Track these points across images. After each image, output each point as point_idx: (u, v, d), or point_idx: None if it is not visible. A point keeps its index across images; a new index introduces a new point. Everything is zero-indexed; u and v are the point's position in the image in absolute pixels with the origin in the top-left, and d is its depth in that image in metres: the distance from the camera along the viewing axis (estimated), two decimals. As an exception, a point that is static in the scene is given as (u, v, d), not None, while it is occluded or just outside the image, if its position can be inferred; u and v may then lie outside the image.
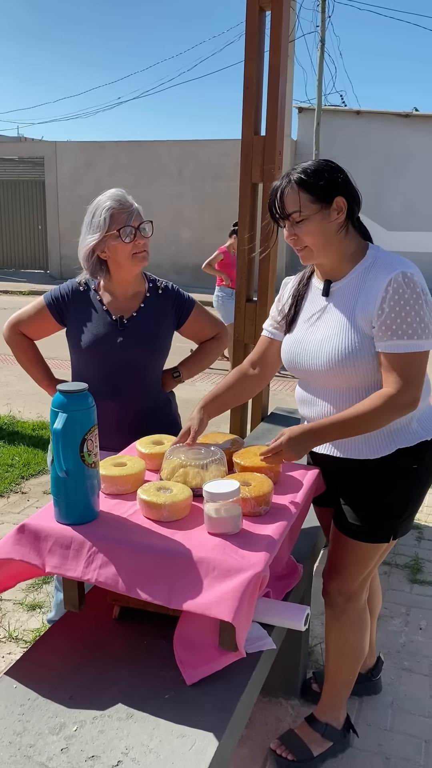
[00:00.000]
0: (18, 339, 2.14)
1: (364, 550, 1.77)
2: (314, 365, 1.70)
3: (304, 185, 1.58)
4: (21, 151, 16.73)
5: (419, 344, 1.57)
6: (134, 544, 1.39)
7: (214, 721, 1.28)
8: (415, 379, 1.58)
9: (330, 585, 1.85)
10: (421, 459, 1.72)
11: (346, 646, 1.89)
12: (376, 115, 14.43)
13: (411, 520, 1.81)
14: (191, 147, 14.78)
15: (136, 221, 1.93)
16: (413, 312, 1.55)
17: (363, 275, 1.64)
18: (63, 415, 1.38)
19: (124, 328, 2.02)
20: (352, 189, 1.64)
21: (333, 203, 1.60)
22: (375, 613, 2.17)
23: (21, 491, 3.90)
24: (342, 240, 1.65)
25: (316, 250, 1.64)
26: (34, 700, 1.33)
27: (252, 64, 3.05)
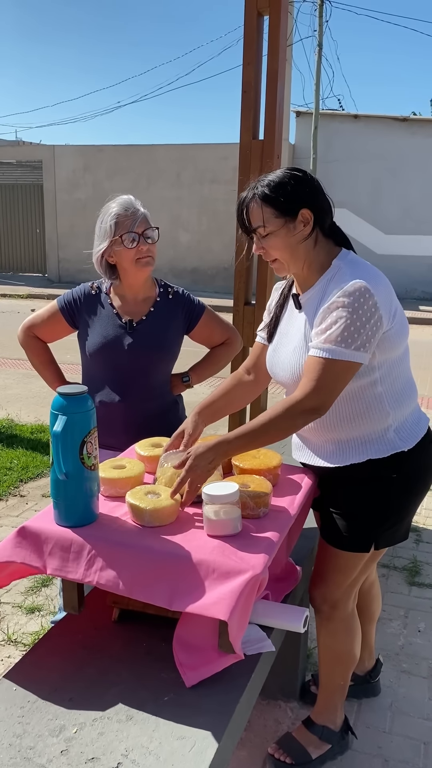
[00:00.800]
0: (32, 341, 2.18)
1: (346, 559, 1.76)
2: (285, 377, 1.69)
3: (267, 200, 1.54)
4: (19, 154, 16.75)
5: (339, 352, 1.48)
6: (134, 546, 1.39)
7: (213, 722, 1.28)
8: (324, 386, 1.49)
9: (314, 592, 1.86)
10: (399, 468, 1.68)
11: (334, 652, 1.89)
12: (373, 119, 14.48)
13: (396, 531, 1.77)
14: (189, 151, 14.81)
15: (140, 227, 1.95)
16: (347, 321, 1.47)
17: (324, 287, 1.59)
18: (63, 417, 1.39)
19: (133, 331, 2.04)
20: (320, 199, 1.58)
21: (298, 215, 1.55)
22: (374, 618, 2.17)
23: (20, 494, 3.89)
24: (310, 251, 1.61)
25: (285, 263, 1.62)
26: (34, 703, 1.33)
27: (250, 69, 3.07)
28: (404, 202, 14.36)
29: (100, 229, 1.98)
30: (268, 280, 3.25)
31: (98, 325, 2.06)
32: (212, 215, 14.83)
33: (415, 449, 1.69)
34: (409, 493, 1.73)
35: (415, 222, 14.38)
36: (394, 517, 1.74)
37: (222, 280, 14.69)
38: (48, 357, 2.21)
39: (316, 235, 1.60)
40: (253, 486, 1.56)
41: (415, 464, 1.71)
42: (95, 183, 15.33)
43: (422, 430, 1.73)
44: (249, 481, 1.59)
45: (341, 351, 1.48)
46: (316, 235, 1.60)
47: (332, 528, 1.75)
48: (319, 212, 1.58)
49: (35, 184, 16.35)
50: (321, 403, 1.50)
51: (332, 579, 1.80)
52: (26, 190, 16.54)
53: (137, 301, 2.07)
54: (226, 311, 2.31)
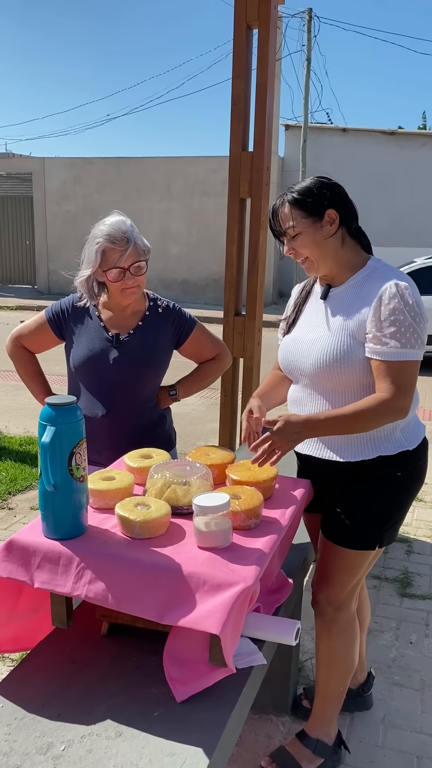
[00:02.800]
0: (19, 352, 2.16)
1: (352, 558, 1.78)
2: (304, 364, 1.76)
3: (296, 203, 1.68)
4: (9, 166, 16.77)
5: (411, 353, 1.62)
6: (123, 559, 1.37)
7: (204, 738, 1.26)
8: (406, 386, 1.62)
9: (319, 594, 1.85)
10: (405, 467, 1.75)
11: (335, 656, 1.88)
12: (361, 132, 14.63)
13: (396, 529, 1.83)
14: (179, 163, 14.89)
15: (127, 261, 1.90)
16: (407, 322, 1.61)
17: (361, 283, 1.71)
18: (51, 428, 1.37)
19: (119, 345, 2.02)
20: (344, 202, 1.71)
21: (325, 215, 1.68)
22: (364, 625, 2.15)
23: (8, 507, 3.85)
24: (339, 249, 1.73)
25: (315, 261, 1.73)
26: (21, 719, 1.30)
27: (239, 81, 3.09)
28: (392, 214, 14.48)
29: (86, 253, 1.94)
30: (258, 291, 3.25)
31: (85, 338, 2.04)
32: (202, 227, 14.89)
33: (417, 450, 1.77)
34: (410, 492, 1.80)
35: (402, 234, 14.51)
36: (397, 515, 1.79)
37: (212, 291, 14.73)
38: (35, 368, 2.18)
39: (342, 234, 1.72)
40: (245, 497, 1.54)
41: (416, 464, 1.78)
42: (85, 195, 15.36)
43: (422, 433, 1.82)
44: (240, 492, 1.57)
45: (410, 352, 1.61)
46: (342, 234, 1.72)
47: (338, 527, 1.78)
48: (344, 213, 1.70)
49: (25, 196, 16.36)
50: (406, 404, 1.63)
51: (338, 580, 1.81)
52: (16, 202, 16.55)
53: (125, 315, 2.05)
54: (216, 323, 2.31)
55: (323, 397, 1.75)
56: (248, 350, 3.34)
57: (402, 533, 3.62)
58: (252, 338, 3.31)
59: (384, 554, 3.36)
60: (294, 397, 1.85)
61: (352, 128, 14.76)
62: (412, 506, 4.01)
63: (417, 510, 3.98)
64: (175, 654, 1.38)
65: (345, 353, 1.67)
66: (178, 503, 1.55)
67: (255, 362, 3.36)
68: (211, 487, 1.61)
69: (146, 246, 1.96)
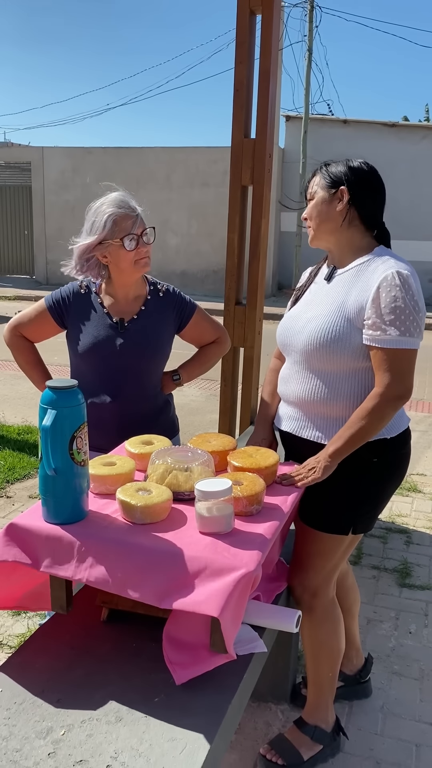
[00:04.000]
0: (18, 341, 2.13)
1: (325, 542, 1.78)
2: (297, 341, 1.77)
3: (323, 172, 1.78)
4: (7, 156, 16.67)
5: (410, 341, 1.62)
6: (124, 543, 1.36)
7: (205, 724, 1.25)
8: (404, 373, 1.64)
9: (294, 580, 1.85)
10: (381, 454, 1.74)
11: (319, 644, 1.89)
12: (362, 124, 14.56)
13: (372, 517, 1.82)
14: (179, 154, 14.81)
15: (139, 228, 1.92)
16: (407, 310, 1.61)
17: (363, 268, 1.71)
18: (52, 411, 1.35)
19: (124, 331, 2.00)
20: (364, 188, 1.73)
21: (338, 191, 1.73)
22: (353, 611, 2.15)
23: (6, 495, 3.85)
24: (344, 230, 1.75)
25: (313, 229, 1.79)
26: (21, 704, 1.29)
27: (242, 67, 3.05)
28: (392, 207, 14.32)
29: (91, 222, 1.92)
30: (258, 280, 3.23)
31: (88, 325, 2.02)
32: (202, 218, 14.83)
33: (397, 440, 1.76)
34: (385, 481, 1.79)
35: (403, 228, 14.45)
36: (372, 502, 1.79)
37: (211, 283, 14.69)
38: (35, 357, 2.16)
39: (351, 216, 1.74)
40: (247, 483, 1.53)
41: (394, 454, 1.78)
42: (84, 185, 15.28)
43: (404, 425, 1.81)
44: (242, 478, 1.56)
45: (411, 341, 1.62)
46: (351, 216, 1.74)
47: (312, 510, 1.79)
48: (357, 198, 1.73)
49: (24, 185, 16.27)
50: (406, 388, 1.64)
51: (312, 564, 1.81)
52: (14, 192, 16.46)
53: (128, 300, 2.04)
54: (215, 314, 2.29)
55: (312, 377, 1.75)
56: (248, 340, 3.32)
57: (401, 524, 3.62)
58: (252, 328, 3.29)
59: (383, 545, 3.36)
60: (283, 375, 1.87)
61: (353, 120, 14.68)
62: (412, 497, 4.01)
63: (416, 501, 3.98)
64: (174, 637, 1.37)
65: (338, 335, 1.67)
66: (179, 489, 1.54)
67: (255, 352, 3.34)
68: (212, 473, 1.59)
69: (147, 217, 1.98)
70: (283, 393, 1.87)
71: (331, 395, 1.73)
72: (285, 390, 1.85)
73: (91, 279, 2.04)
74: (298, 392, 1.78)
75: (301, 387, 1.78)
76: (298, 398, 1.79)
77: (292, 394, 1.81)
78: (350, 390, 1.71)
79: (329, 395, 1.73)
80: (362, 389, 1.71)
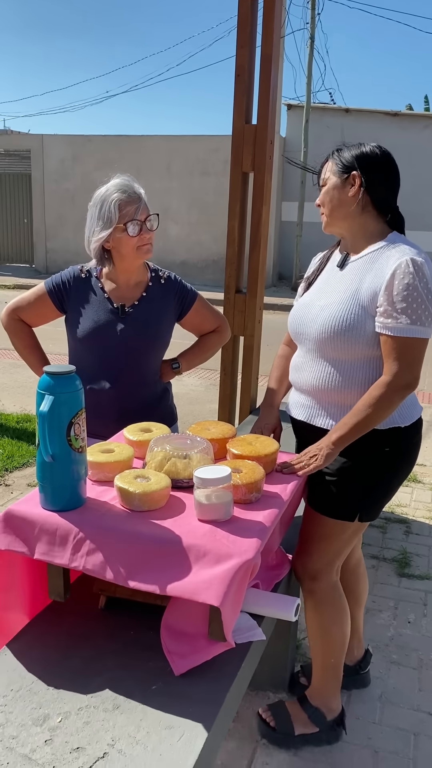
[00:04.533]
0: (16, 325, 2.10)
1: (329, 527, 1.78)
2: (310, 329, 1.75)
3: (336, 158, 1.75)
4: (7, 143, 16.56)
5: (421, 330, 1.60)
6: (122, 531, 1.35)
7: (203, 712, 1.24)
8: (413, 362, 1.62)
9: (296, 562, 1.85)
10: (393, 443, 1.73)
11: (319, 628, 1.89)
12: (364, 113, 14.46)
13: (380, 505, 1.81)
14: (179, 142, 14.72)
15: (143, 214, 1.90)
16: (420, 299, 1.59)
17: (377, 255, 1.69)
18: (49, 397, 1.34)
19: (125, 317, 1.98)
20: (377, 172, 1.71)
21: (350, 176, 1.71)
22: (361, 600, 2.15)
23: (4, 483, 3.84)
24: (357, 215, 1.73)
25: (326, 213, 1.76)
26: (17, 691, 1.29)
27: (244, 52, 3.01)
28: (394, 197, 14.36)
29: (99, 214, 1.88)
30: (259, 268, 3.21)
31: (89, 310, 2.00)
32: (202, 207, 14.76)
33: (410, 428, 1.75)
34: (397, 470, 1.78)
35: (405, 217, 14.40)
36: (381, 491, 1.78)
37: (211, 273, 14.63)
38: (33, 341, 2.13)
39: (364, 202, 1.72)
40: (246, 471, 1.52)
41: (407, 443, 1.76)
42: (84, 173, 15.19)
43: (417, 413, 1.79)
44: (241, 466, 1.55)
45: (423, 330, 1.60)
46: (364, 202, 1.72)
47: (320, 494, 1.78)
48: (371, 183, 1.70)
49: (23, 173, 16.17)
50: (413, 378, 1.62)
51: (314, 548, 1.81)
52: (14, 180, 16.36)
53: (129, 286, 2.01)
54: (216, 304, 2.26)
55: (326, 365, 1.73)
56: (248, 328, 3.29)
57: (401, 514, 3.61)
58: (253, 316, 3.27)
59: (383, 534, 3.35)
60: (295, 363, 1.85)
61: (354, 108, 14.58)
62: (411, 487, 4.00)
63: (416, 491, 3.97)
64: (172, 627, 1.36)
65: (352, 323, 1.65)
66: (178, 476, 1.52)
67: (255, 341, 3.32)
68: (211, 461, 1.58)
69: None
70: (295, 381, 1.85)
71: (345, 383, 1.71)
72: (297, 378, 1.83)
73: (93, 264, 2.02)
74: (311, 380, 1.77)
75: (314, 375, 1.76)
76: (311, 386, 1.77)
77: (305, 382, 1.79)
78: (364, 378, 1.70)
79: (343, 383, 1.71)
80: (376, 377, 1.69)
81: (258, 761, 1.89)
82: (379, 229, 1.74)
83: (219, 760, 1.88)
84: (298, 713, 1.94)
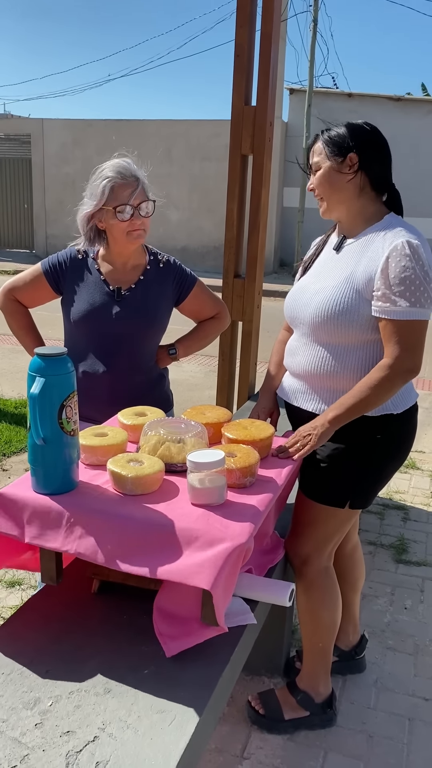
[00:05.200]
0: (12, 305, 2.08)
1: (319, 512, 1.77)
2: (304, 313, 1.73)
3: (326, 141, 1.70)
4: (7, 128, 16.42)
5: (420, 312, 1.58)
6: (114, 514, 1.33)
7: (195, 696, 1.24)
8: (414, 346, 1.59)
9: (287, 544, 1.85)
10: (385, 431, 1.71)
11: (308, 611, 1.89)
12: (367, 98, 14.31)
13: (371, 492, 1.79)
14: (181, 127, 14.58)
15: (137, 199, 1.86)
16: (417, 281, 1.56)
17: (372, 238, 1.66)
18: (40, 379, 1.32)
19: (121, 300, 1.95)
20: (372, 150, 1.67)
21: (346, 158, 1.67)
22: (357, 586, 2.14)
23: (2, 468, 3.83)
24: (354, 197, 1.69)
25: (325, 199, 1.72)
26: (8, 675, 1.28)
27: (243, 31, 2.96)
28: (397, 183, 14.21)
29: (92, 187, 1.87)
30: (258, 253, 3.17)
31: (84, 292, 1.97)
32: (203, 193, 14.65)
33: (403, 416, 1.73)
34: (389, 458, 1.76)
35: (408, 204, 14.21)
36: (372, 479, 1.76)
37: (212, 259, 14.54)
38: (28, 322, 2.11)
39: (362, 182, 1.68)
40: (240, 455, 1.50)
41: (399, 430, 1.74)
42: (84, 158, 15.07)
43: (412, 400, 1.77)
44: (236, 450, 1.53)
45: (422, 312, 1.57)
46: (362, 182, 1.68)
47: (311, 480, 1.78)
48: (367, 162, 1.67)
49: (23, 158, 16.05)
50: (416, 363, 1.60)
51: (304, 532, 1.81)
52: (14, 165, 16.24)
53: (126, 269, 1.99)
54: (216, 291, 2.24)
55: (320, 349, 1.71)
56: (247, 314, 3.26)
57: (398, 500, 3.61)
58: (252, 301, 3.24)
59: (380, 521, 3.35)
60: (290, 347, 1.83)
61: (357, 93, 14.43)
62: (410, 474, 3.99)
63: (414, 478, 3.96)
64: (164, 609, 1.35)
65: (346, 307, 1.63)
66: (171, 461, 1.51)
67: (254, 326, 3.29)
68: (206, 445, 1.56)
69: (150, 189, 1.92)
70: (289, 365, 1.83)
71: (339, 368, 1.69)
72: (291, 362, 1.81)
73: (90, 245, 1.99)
74: (305, 365, 1.75)
75: (308, 360, 1.74)
76: (304, 371, 1.76)
77: (298, 366, 1.78)
78: (358, 363, 1.68)
79: (336, 368, 1.69)
80: (370, 362, 1.67)
81: (252, 745, 1.89)
82: (377, 210, 1.71)
83: (213, 744, 1.88)
84: (286, 698, 1.95)
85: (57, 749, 1.11)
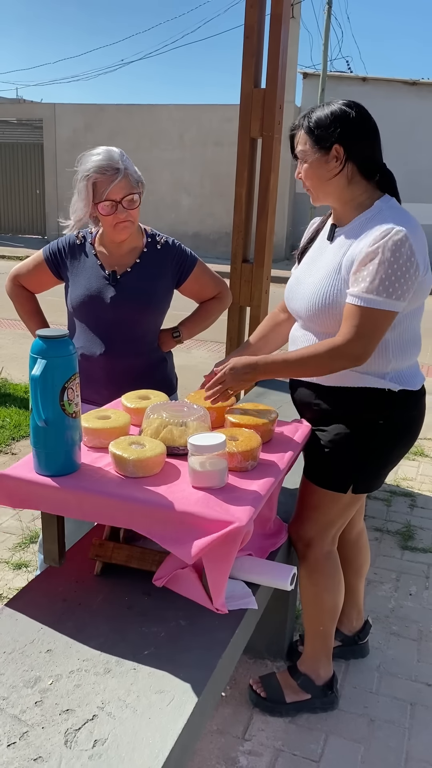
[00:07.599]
0: (18, 291, 2.11)
1: (321, 497, 1.77)
2: (299, 306, 1.74)
3: (309, 131, 1.62)
4: (19, 113, 16.39)
5: (382, 302, 1.52)
6: (116, 496, 1.34)
7: (194, 677, 1.24)
8: (365, 333, 1.54)
9: (291, 527, 1.86)
10: (387, 415, 1.69)
11: (310, 595, 1.89)
12: (382, 82, 14.12)
13: (375, 478, 1.78)
14: (193, 111, 14.48)
15: (119, 193, 1.82)
16: (389, 270, 1.50)
17: (363, 225, 1.61)
18: (42, 361, 1.32)
19: (116, 284, 1.95)
20: (357, 137, 1.60)
21: (332, 150, 1.60)
22: (362, 571, 2.14)
23: (11, 452, 3.86)
24: (344, 187, 1.64)
25: (313, 190, 1.68)
26: (10, 654, 1.29)
27: (253, 12, 2.92)
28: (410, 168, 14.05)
29: (78, 186, 1.85)
30: (267, 237, 3.15)
31: (82, 277, 1.97)
32: (215, 178, 14.56)
33: (407, 401, 1.70)
34: (393, 443, 1.75)
35: (422, 189, 14.12)
36: (375, 464, 1.75)
37: (224, 245, 14.48)
38: (34, 307, 2.13)
39: (350, 172, 1.62)
40: (242, 439, 1.50)
41: (403, 415, 1.72)
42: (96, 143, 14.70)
43: (417, 385, 1.74)
44: (238, 434, 1.53)
45: (381, 301, 1.51)
46: (350, 172, 1.62)
47: (314, 464, 1.78)
48: (354, 151, 1.60)
49: (35, 143, 16.02)
50: (362, 351, 1.56)
51: (307, 516, 1.81)
52: (26, 150, 16.22)
53: (122, 253, 1.98)
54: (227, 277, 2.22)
55: (315, 339, 1.70)
56: (255, 299, 3.25)
57: (406, 487, 3.59)
58: (260, 286, 3.22)
59: (387, 507, 3.34)
60: (292, 336, 1.83)
61: (372, 77, 14.24)
62: (418, 461, 3.97)
63: (422, 465, 3.94)
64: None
65: (336, 298, 1.61)
66: (173, 444, 1.51)
67: (262, 311, 3.28)
68: (208, 429, 1.56)
69: (139, 177, 1.88)
70: None
71: None
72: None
73: (89, 229, 1.99)
74: None
75: None
76: None
77: None
78: None
79: None
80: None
81: (254, 727, 1.90)
82: (368, 196, 1.65)
83: (215, 726, 1.89)
84: (287, 681, 1.96)
85: (56, 727, 1.13)
